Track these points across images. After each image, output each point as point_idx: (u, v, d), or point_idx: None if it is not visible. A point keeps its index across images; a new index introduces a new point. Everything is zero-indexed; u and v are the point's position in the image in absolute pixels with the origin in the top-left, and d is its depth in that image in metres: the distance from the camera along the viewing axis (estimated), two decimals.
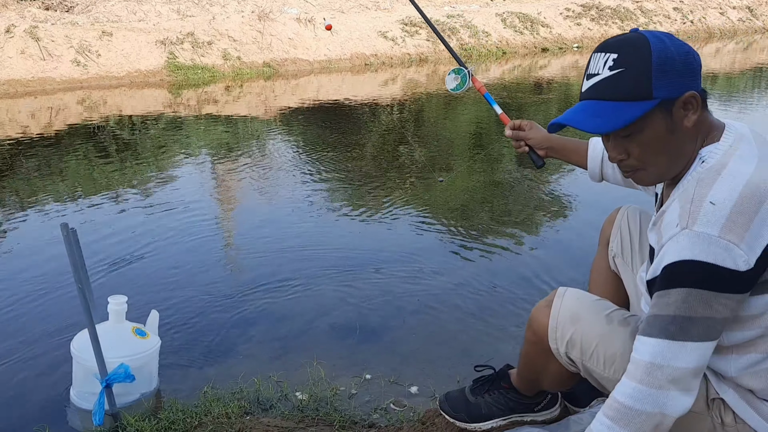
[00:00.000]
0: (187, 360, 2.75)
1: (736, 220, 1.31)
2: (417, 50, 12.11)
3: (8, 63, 8.79)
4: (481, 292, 3.36)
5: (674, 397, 1.34)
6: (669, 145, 1.42)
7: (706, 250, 1.30)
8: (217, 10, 11.75)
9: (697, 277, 1.31)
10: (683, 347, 1.33)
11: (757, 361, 1.43)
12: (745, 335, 1.42)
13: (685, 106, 1.41)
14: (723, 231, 1.30)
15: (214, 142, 6.68)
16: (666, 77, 1.37)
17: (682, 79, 1.39)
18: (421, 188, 5.11)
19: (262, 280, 3.48)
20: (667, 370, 1.33)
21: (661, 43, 1.39)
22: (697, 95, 1.40)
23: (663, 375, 1.34)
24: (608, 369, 1.56)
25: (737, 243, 1.30)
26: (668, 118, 1.40)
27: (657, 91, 1.37)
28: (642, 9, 16.48)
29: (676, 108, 1.40)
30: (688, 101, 1.40)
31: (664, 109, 1.39)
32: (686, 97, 1.39)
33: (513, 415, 2.05)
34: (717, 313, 1.32)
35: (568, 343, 1.61)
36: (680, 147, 1.43)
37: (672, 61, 1.38)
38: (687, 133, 1.42)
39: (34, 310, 3.15)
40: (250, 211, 4.67)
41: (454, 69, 2.26)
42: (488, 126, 7.29)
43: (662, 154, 1.43)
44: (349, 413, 2.36)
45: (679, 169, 1.46)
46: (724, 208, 1.32)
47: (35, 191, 4.93)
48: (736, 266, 1.30)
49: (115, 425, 2.26)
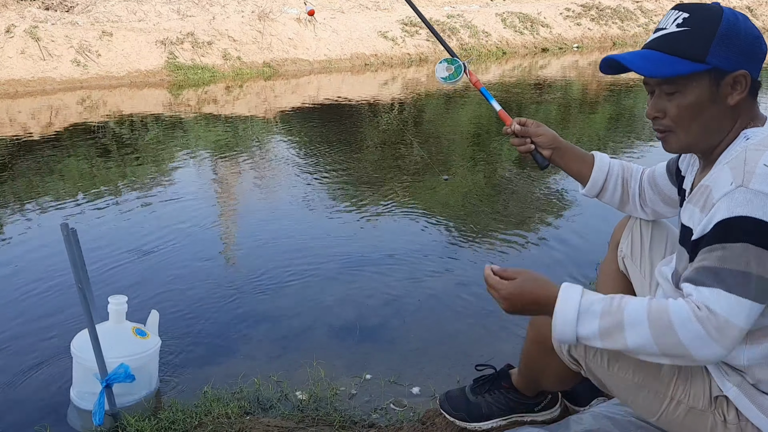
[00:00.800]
0: (187, 360, 2.75)
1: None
2: (417, 50, 12.11)
3: (8, 63, 8.79)
4: (481, 292, 3.36)
5: (711, 345, 1.30)
6: (706, 115, 1.44)
7: (763, 208, 1.29)
8: (217, 10, 11.76)
9: (754, 234, 1.29)
10: (740, 303, 1.30)
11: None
12: (761, 321, 1.39)
13: (734, 83, 1.42)
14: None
15: (214, 142, 6.68)
16: (725, 48, 1.40)
17: (740, 57, 1.42)
18: (421, 188, 5.11)
19: (262, 280, 3.48)
20: (720, 319, 1.29)
21: (734, 18, 1.43)
22: (748, 75, 1.42)
23: (715, 322, 1.30)
24: (612, 367, 1.56)
25: None
26: (714, 88, 1.43)
27: (712, 57, 1.40)
28: (642, 9, 16.48)
29: (725, 82, 1.42)
30: (738, 79, 1.42)
31: (714, 78, 1.42)
32: (738, 74, 1.41)
33: (513, 414, 2.05)
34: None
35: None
36: (716, 121, 1.45)
37: (737, 37, 1.41)
38: (728, 110, 1.44)
39: (34, 310, 3.15)
40: (250, 211, 4.68)
41: (446, 59, 2.12)
42: (488, 126, 7.29)
43: (696, 121, 1.45)
44: (349, 413, 2.36)
45: (708, 145, 1.47)
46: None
47: (35, 191, 4.93)
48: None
49: (115, 425, 2.26)
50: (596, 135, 7.21)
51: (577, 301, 1.41)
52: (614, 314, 1.36)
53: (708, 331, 1.30)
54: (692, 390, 1.50)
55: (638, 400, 1.56)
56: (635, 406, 1.59)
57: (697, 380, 1.50)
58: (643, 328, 1.34)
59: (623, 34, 15.28)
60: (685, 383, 1.50)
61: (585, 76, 11.16)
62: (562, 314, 1.42)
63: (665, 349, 1.33)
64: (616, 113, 8.34)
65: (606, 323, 1.37)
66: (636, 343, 1.35)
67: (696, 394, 1.49)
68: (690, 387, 1.50)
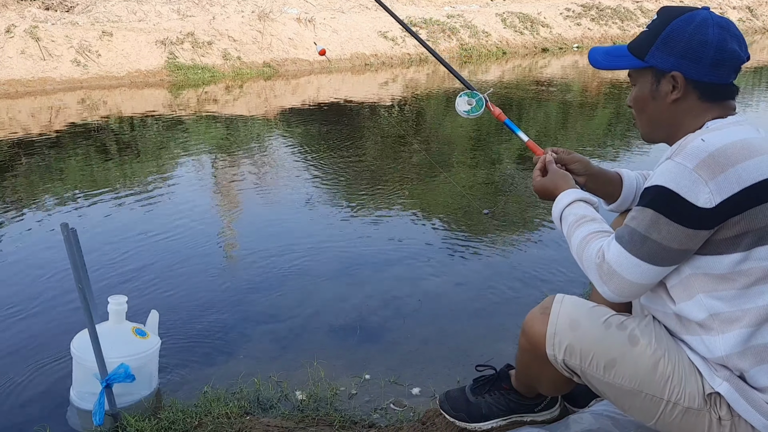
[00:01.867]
0: (187, 360, 2.75)
1: (717, 160, 1.39)
2: (417, 50, 12.11)
3: (8, 63, 8.79)
4: (481, 292, 3.36)
5: (601, 286, 1.51)
6: (649, 109, 1.58)
7: (675, 179, 1.40)
8: (217, 10, 11.76)
9: (656, 201, 1.43)
10: (628, 258, 1.46)
11: (744, 339, 1.44)
12: (720, 297, 1.46)
13: (672, 83, 1.52)
14: (699, 165, 1.39)
15: (214, 142, 6.68)
16: (664, 50, 1.51)
17: (679, 59, 1.50)
18: (421, 188, 5.11)
19: (262, 280, 3.48)
20: (606, 267, 1.49)
21: (689, 23, 1.50)
22: (680, 77, 1.50)
23: (605, 268, 1.49)
24: (608, 374, 1.57)
25: (706, 180, 1.38)
26: (655, 85, 1.55)
27: (650, 56, 1.54)
28: (642, 9, 16.48)
29: (665, 80, 1.53)
30: (674, 78, 1.51)
31: (654, 76, 1.55)
32: (672, 74, 1.51)
33: (513, 415, 2.04)
34: (664, 240, 1.42)
35: (566, 349, 1.61)
36: (659, 115, 1.57)
37: (679, 41, 1.49)
38: (669, 107, 1.54)
39: (34, 310, 3.15)
40: (250, 212, 4.67)
41: (466, 92, 2.15)
42: (488, 126, 7.28)
43: (644, 113, 1.60)
44: (349, 413, 2.36)
45: (662, 136, 1.60)
46: (711, 147, 1.41)
47: (35, 191, 4.93)
48: (695, 201, 1.38)
49: (115, 425, 2.26)
50: (595, 135, 7.21)
51: (561, 208, 1.71)
52: (570, 230, 1.64)
53: (599, 274, 1.51)
54: (687, 391, 1.51)
55: (635, 406, 1.57)
56: (632, 412, 1.60)
57: (690, 380, 1.51)
58: (573, 249, 1.63)
59: (623, 34, 15.28)
60: (680, 385, 1.51)
61: (585, 76, 11.16)
62: (554, 210, 1.74)
63: (581, 268, 1.60)
64: (615, 113, 8.34)
65: (566, 231, 1.67)
66: (574, 255, 1.63)
67: (690, 394, 1.50)
68: (684, 388, 1.51)
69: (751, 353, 1.45)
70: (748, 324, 1.44)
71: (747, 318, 1.44)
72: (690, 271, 1.48)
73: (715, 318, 1.46)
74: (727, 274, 1.44)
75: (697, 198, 1.38)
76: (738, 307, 1.44)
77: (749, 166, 1.39)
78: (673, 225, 1.41)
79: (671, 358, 1.52)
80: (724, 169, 1.38)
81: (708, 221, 1.39)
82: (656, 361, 1.52)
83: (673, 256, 1.44)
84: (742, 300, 1.44)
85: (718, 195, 1.37)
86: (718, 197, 1.37)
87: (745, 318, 1.44)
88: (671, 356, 1.53)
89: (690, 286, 1.48)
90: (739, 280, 1.43)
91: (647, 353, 1.53)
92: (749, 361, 1.45)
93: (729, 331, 1.46)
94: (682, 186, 1.39)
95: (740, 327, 1.45)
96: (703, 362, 1.51)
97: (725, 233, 1.41)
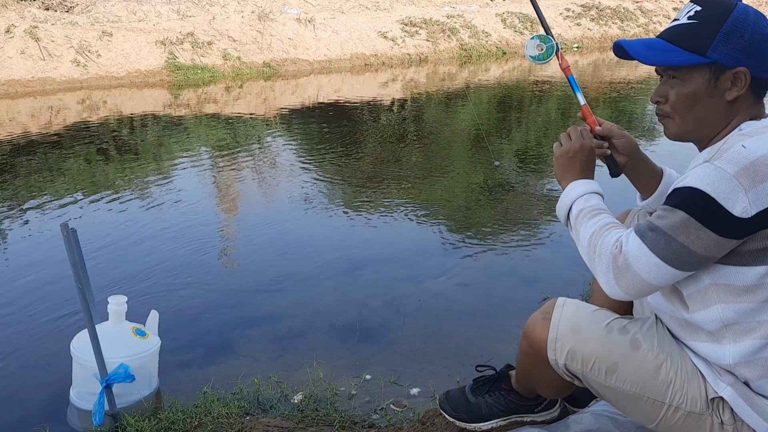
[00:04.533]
0: (187, 360, 2.75)
1: (758, 168, 1.33)
2: (417, 50, 12.11)
3: (8, 63, 8.79)
4: (481, 292, 3.36)
5: (609, 278, 1.46)
6: (702, 106, 1.48)
7: (713, 183, 1.33)
8: (217, 10, 11.76)
9: (690, 203, 1.36)
10: (648, 256, 1.40)
11: (755, 350, 1.43)
12: (738, 310, 1.42)
13: (734, 79, 1.44)
14: (740, 172, 1.33)
15: (214, 142, 6.68)
16: (728, 44, 1.43)
17: (742, 54, 1.43)
18: (421, 188, 5.11)
19: (262, 281, 3.48)
20: (622, 259, 1.43)
21: (745, 15, 1.44)
22: (747, 73, 1.43)
23: (620, 260, 1.44)
24: (609, 378, 1.56)
25: (747, 189, 1.32)
26: (713, 82, 1.46)
27: (713, 51, 1.44)
28: (642, 9, 16.48)
29: (725, 77, 1.45)
30: (738, 75, 1.44)
31: (714, 72, 1.45)
32: (738, 70, 1.43)
33: (513, 415, 2.04)
34: (691, 244, 1.36)
35: (568, 354, 1.60)
36: (711, 113, 1.48)
37: (742, 34, 1.43)
38: (724, 104, 1.46)
39: (34, 310, 3.15)
40: (250, 212, 4.68)
41: (539, 35, 2.00)
42: (488, 126, 7.29)
43: (692, 111, 1.49)
44: (349, 413, 2.36)
45: (701, 135, 1.51)
46: (752, 154, 1.34)
47: (35, 191, 4.93)
48: (732, 209, 1.32)
49: (115, 425, 2.26)
50: None
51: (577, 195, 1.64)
52: (583, 217, 1.58)
53: (613, 266, 1.45)
54: (689, 395, 1.50)
55: (636, 409, 1.56)
56: (634, 415, 1.59)
57: (693, 384, 1.50)
58: (584, 238, 1.55)
59: (623, 34, 15.29)
60: (682, 389, 1.50)
61: (585, 76, 11.16)
62: (561, 203, 1.67)
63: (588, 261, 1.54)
64: (615, 113, 8.33)
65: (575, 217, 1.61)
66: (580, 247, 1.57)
67: (693, 398, 1.50)
68: (687, 392, 1.50)
69: (760, 364, 1.44)
70: (762, 336, 1.42)
71: (762, 330, 1.42)
72: (710, 281, 1.44)
73: (729, 329, 1.44)
74: (750, 286, 1.40)
75: (734, 206, 1.32)
76: (754, 318, 1.42)
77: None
78: (704, 230, 1.35)
79: (673, 362, 1.52)
80: (765, 179, 1.33)
81: (740, 231, 1.34)
82: (658, 366, 1.51)
83: (695, 261, 1.39)
84: (759, 312, 1.42)
85: (755, 205, 1.32)
86: (755, 208, 1.32)
87: (760, 329, 1.42)
88: (673, 360, 1.52)
89: (708, 296, 1.45)
90: (761, 293, 1.40)
91: (649, 357, 1.52)
92: (757, 372, 1.44)
93: (741, 341, 1.44)
94: (720, 192, 1.33)
95: (753, 338, 1.43)
96: (706, 366, 1.50)
97: (754, 245, 1.37)
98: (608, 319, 1.61)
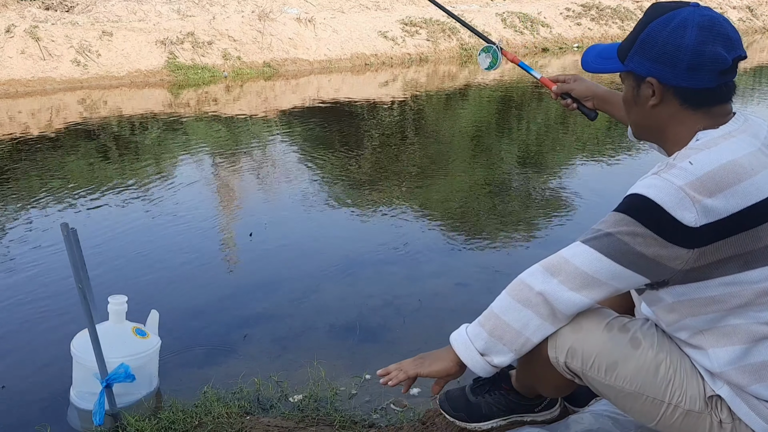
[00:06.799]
0: (187, 360, 2.75)
1: (705, 184, 1.34)
2: (417, 50, 12.11)
3: (8, 63, 8.78)
4: (481, 292, 3.36)
5: (548, 278, 1.49)
6: (633, 113, 1.54)
7: (661, 193, 1.35)
8: (217, 10, 11.76)
9: (634, 208, 1.38)
10: (586, 251, 1.43)
11: (737, 357, 1.44)
12: (708, 319, 1.44)
13: (650, 88, 1.47)
14: (687, 185, 1.35)
15: (214, 142, 6.68)
16: (641, 55, 1.45)
17: (654, 64, 1.44)
18: (421, 188, 5.11)
19: (262, 280, 3.48)
20: (559, 257, 1.47)
21: (667, 25, 1.42)
22: (654, 83, 1.44)
23: (555, 260, 1.49)
24: (609, 376, 1.56)
25: (693, 201, 1.33)
26: (636, 89, 1.50)
27: (629, 61, 1.49)
28: (642, 9, 16.47)
29: (644, 85, 1.48)
30: (647, 85, 1.47)
31: (635, 80, 1.49)
32: (648, 80, 1.46)
33: (513, 415, 2.04)
34: (637, 245, 1.37)
35: (568, 352, 1.60)
36: (645, 120, 1.52)
37: (655, 45, 1.43)
38: (651, 112, 1.49)
39: (34, 309, 3.16)
40: (250, 211, 4.67)
41: (483, 48, 2.16)
42: (488, 126, 7.29)
43: (630, 116, 1.57)
44: (349, 413, 2.36)
45: (650, 138, 1.57)
46: (700, 170, 1.36)
47: (35, 191, 4.93)
48: (681, 218, 1.34)
49: (115, 425, 2.26)
50: (594, 134, 7.21)
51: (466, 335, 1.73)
52: (487, 318, 1.63)
53: (546, 266, 1.49)
54: (688, 394, 1.50)
55: (636, 408, 1.57)
56: (633, 413, 1.60)
57: (692, 383, 1.51)
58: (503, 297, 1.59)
59: (623, 34, 15.28)
60: (681, 388, 1.51)
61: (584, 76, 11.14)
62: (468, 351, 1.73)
63: (519, 297, 1.55)
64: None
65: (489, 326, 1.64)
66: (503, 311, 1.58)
67: (692, 396, 1.50)
68: (685, 391, 1.50)
69: (748, 371, 1.44)
70: (741, 341, 1.43)
71: (738, 334, 1.43)
72: (673, 299, 1.45)
73: (705, 333, 1.46)
74: (715, 297, 1.40)
75: (682, 216, 1.33)
76: (728, 323, 1.43)
77: (737, 191, 1.34)
78: (650, 233, 1.36)
79: (673, 360, 1.52)
80: (712, 194, 1.33)
81: (688, 239, 1.34)
82: (658, 364, 1.52)
83: (635, 260, 1.39)
84: (730, 317, 1.42)
85: (703, 218, 1.33)
86: (703, 219, 1.33)
87: (735, 334, 1.43)
88: (673, 359, 1.52)
89: (676, 311, 1.46)
90: (728, 302, 1.41)
91: (649, 356, 1.52)
92: (746, 378, 1.45)
93: (721, 347, 1.45)
94: (667, 201, 1.34)
95: (733, 343, 1.44)
96: (701, 366, 1.51)
97: (707, 258, 1.36)
98: (608, 318, 1.61)
